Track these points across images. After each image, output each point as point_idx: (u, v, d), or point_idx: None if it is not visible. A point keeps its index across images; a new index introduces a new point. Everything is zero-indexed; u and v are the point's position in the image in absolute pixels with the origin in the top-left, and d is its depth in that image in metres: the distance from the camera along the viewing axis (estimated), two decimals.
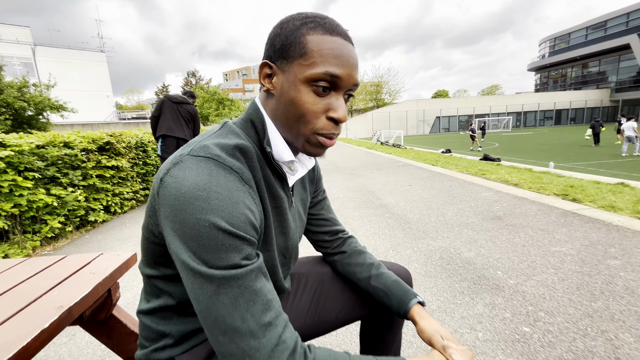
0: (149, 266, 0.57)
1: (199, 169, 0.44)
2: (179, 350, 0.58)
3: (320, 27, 0.50)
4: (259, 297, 0.43)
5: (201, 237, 0.42)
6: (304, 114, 0.51)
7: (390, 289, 0.72)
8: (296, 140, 0.55)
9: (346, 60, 0.50)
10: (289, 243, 0.66)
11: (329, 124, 0.53)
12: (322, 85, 0.50)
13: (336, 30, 0.51)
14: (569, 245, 2.22)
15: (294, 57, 0.50)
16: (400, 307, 0.69)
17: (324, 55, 0.49)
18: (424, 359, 0.55)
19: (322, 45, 0.49)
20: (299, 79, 0.50)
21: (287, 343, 0.43)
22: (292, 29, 0.50)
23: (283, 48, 0.51)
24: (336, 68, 0.49)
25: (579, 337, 1.33)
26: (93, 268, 0.80)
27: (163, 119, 4.03)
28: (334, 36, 0.50)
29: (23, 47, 25.80)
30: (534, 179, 4.53)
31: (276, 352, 0.42)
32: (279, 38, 0.51)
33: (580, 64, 43.34)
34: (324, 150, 0.56)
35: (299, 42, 0.49)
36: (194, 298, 0.43)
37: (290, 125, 0.53)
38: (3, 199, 2.57)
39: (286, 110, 0.52)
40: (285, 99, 0.52)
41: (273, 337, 0.42)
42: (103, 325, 0.83)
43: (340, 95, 0.52)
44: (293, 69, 0.50)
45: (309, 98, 0.50)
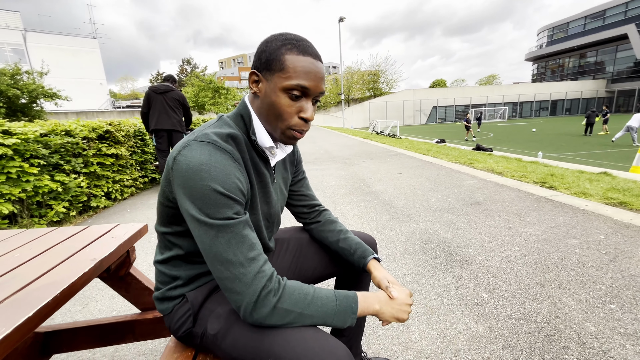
0: (163, 225, 0.75)
1: (202, 150, 0.62)
2: (188, 289, 0.76)
3: (295, 49, 0.66)
4: (245, 240, 0.62)
5: (204, 197, 0.60)
6: (281, 114, 0.69)
7: (353, 248, 0.91)
8: (274, 132, 0.73)
9: (314, 75, 0.67)
10: (272, 210, 0.84)
11: (299, 122, 0.70)
12: (295, 93, 0.67)
13: (307, 51, 0.68)
14: (536, 227, 2.44)
15: (275, 70, 0.67)
16: (360, 261, 0.89)
17: (297, 71, 0.65)
18: (371, 294, 0.74)
19: (297, 63, 0.65)
20: (278, 87, 0.67)
21: (266, 272, 0.62)
22: (274, 48, 0.67)
23: (267, 62, 0.67)
24: (306, 81, 0.66)
25: (528, 301, 1.55)
26: (114, 234, 0.98)
27: (152, 114, 4.11)
28: (306, 56, 0.67)
29: (13, 32, 25.24)
30: (519, 168, 4.74)
31: (257, 277, 0.60)
32: (264, 54, 0.68)
33: (578, 54, 43.30)
34: (295, 141, 0.75)
35: (279, 60, 0.66)
36: (199, 240, 0.62)
37: (271, 121, 0.71)
38: (11, 184, 2.72)
39: (268, 109, 0.70)
40: (267, 101, 0.69)
41: (255, 267, 0.61)
42: (122, 281, 1.01)
43: (309, 100, 0.70)
44: (274, 79, 0.67)
45: (285, 102, 0.68)
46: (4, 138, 2.65)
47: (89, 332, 1.01)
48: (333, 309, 0.64)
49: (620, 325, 1.34)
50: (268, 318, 0.60)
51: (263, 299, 0.60)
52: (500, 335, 1.33)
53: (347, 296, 0.67)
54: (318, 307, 0.63)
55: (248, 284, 0.60)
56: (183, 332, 0.74)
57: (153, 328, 1.05)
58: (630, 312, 1.42)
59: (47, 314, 0.62)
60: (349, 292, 0.69)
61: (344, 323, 0.65)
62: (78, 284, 0.73)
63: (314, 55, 0.69)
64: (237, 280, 0.60)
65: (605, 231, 2.29)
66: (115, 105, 34.62)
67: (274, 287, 0.61)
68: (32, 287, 0.68)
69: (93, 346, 1.04)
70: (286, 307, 0.61)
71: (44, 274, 0.73)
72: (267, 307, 0.60)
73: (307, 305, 0.63)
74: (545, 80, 47.68)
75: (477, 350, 1.25)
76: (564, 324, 1.36)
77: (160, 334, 1.06)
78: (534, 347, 1.25)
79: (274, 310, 0.60)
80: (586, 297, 1.55)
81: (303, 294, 0.63)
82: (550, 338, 1.29)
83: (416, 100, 38.37)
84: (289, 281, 0.65)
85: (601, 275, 1.73)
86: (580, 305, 1.49)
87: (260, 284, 0.60)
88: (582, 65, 43.46)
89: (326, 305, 0.64)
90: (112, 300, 1.77)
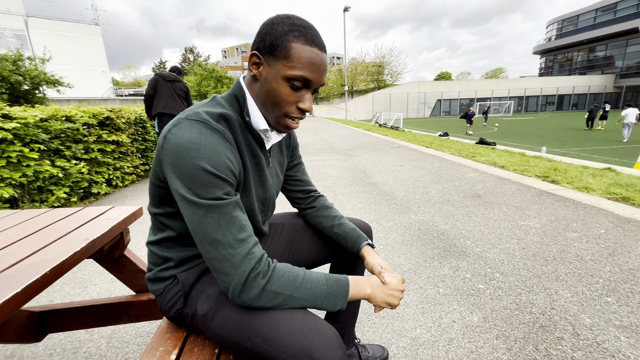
0: (155, 206, 0.74)
1: (192, 129, 0.61)
2: (179, 270, 0.76)
3: (303, 37, 0.64)
4: (235, 221, 0.61)
5: (194, 176, 0.59)
6: (280, 102, 0.67)
7: (347, 234, 0.90)
8: (269, 118, 0.72)
9: (318, 67, 0.65)
10: (267, 194, 0.83)
11: (297, 112, 0.69)
12: (297, 84, 0.65)
13: (315, 41, 0.65)
14: (536, 220, 2.43)
15: (279, 57, 0.64)
16: (354, 247, 0.88)
17: (303, 62, 0.63)
18: (363, 278, 0.73)
19: (302, 54, 0.63)
20: (280, 75, 0.65)
21: (256, 254, 0.61)
22: (281, 33, 0.64)
23: (272, 47, 0.64)
24: (310, 73, 0.64)
25: (524, 292, 1.55)
26: (108, 215, 0.98)
27: (158, 98, 4.09)
28: (313, 47, 0.64)
29: (15, 18, 25.03)
30: (522, 162, 4.70)
31: (246, 259, 0.60)
32: (269, 37, 0.65)
33: (587, 47, 42.45)
34: (288, 131, 0.74)
35: (285, 47, 0.63)
36: (188, 220, 0.61)
37: (268, 106, 0.70)
38: (12, 169, 2.73)
39: (266, 95, 0.68)
40: (267, 87, 0.67)
41: (245, 249, 0.60)
42: (117, 263, 1.02)
43: (309, 92, 0.68)
44: (277, 66, 0.65)
45: (286, 91, 0.66)
46: (3, 122, 2.65)
47: (84, 312, 1.02)
48: (323, 292, 0.64)
49: (615, 317, 1.34)
50: (256, 300, 0.60)
51: (252, 281, 0.59)
52: (495, 325, 1.33)
53: (338, 280, 0.66)
54: (308, 290, 0.63)
55: (237, 265, 0.59)
56: (174, 312, 0.74)
57: (148, 310, 1.06)
58: (627, 305, 1.41)
59: (36, 291, 0.62)
60: (340, 276, 0.68)
61: (334, 306, 0.65)
62: (69, 263, 0.73)
63: (320, 46, 0.66)
64: (225, 261, 0.59)
65: (605, 225, 2.27)
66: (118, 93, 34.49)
67: (263, 269, 0.61)
68: (22, 264, 0.68)
69: (89, 326, 1.05)
70: (275, 290, 0.60)
71: (35, 252, 0.73)
72: (255, 289, 0.59)
73: (297, 288, 0.62)
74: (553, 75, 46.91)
75: (471, 339, 1.26)
76: (559, 316, 1.36)
77: (155, 316, 1.07)
78: (527, 337, 1.25)
79: (263, 292, 0.60)
80: (583, 289, 1.55)
81: (293, 277, 0.63)
82: (545, 329, 1.29)
83: (420, 93, 37.95)
84: (279, 264, 0.65)
85: (599, 268, 1.73)
86: (576, 298, 1.48)
87: (249, 266, 0.59)
88: (590, 60, 42.65)
89: (316, 288, 0.64)
90: (110, 284, 1.79)
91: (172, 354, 0.67)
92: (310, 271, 0.67)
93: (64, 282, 1.84)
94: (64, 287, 1.78)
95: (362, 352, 1.13)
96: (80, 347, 1.30)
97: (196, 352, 0.68)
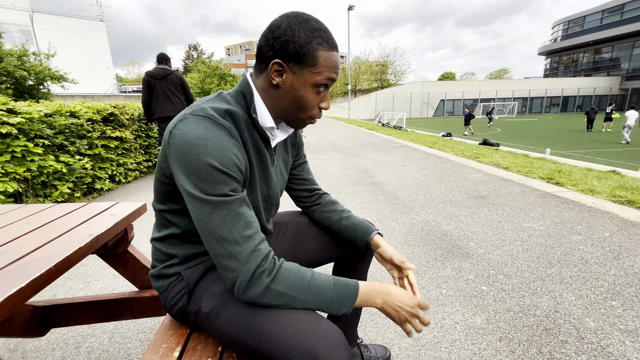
0: (160, 203, 0.73)
1: (199, 124, 0.60)
2: (184, 267, 0.76)
3: (326, 44, 0.65)
4: (241, 218, 0.60)
5: (200, 172, 0.58)
6: (306, 107, 0.70)
7: (357, 225, 0.90)
8: (292, 121, 0.74)
9: (337, 68, 0.69)
10: (271, 192, 0.82)
11: (319, 112, 0.73)
12: (322, 88, 0.68)
13: (334, 45, 0.67)
14: (540, 222, 2.41)
15: (306, 65, 0.65)
16: (364, 237, 0.88)
17: (328, 67, 0.66)
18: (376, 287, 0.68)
19: (328, 60, 0.66)
20: (309, 83, 0.66)
21: (262, 251, 0.61)
22: (305, 41, 0.63)
23: (297, 55, 0.64)
24: (334, 75, 0.68)
25: (528, 295, 1.54)
26: (112, 211, 0.98)
27: (154, 101, 4.03)
28: (333, 51, 0.67)
29: (21, 13, 25.15)
30: (526, 164, 4.67)
31: (252, 256, 0.59)
32: (292, 45, 0.64)
33: (593, 49, 42.08)
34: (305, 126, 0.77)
35: (312, 55, 0.64)
36: (195, 217, 0.60)
37: (292, 112, 0.71)
38: (16, 164, 2.74)
39: (292, 102, 0.69)
40: (293, 94, 0.68)
41: (251, 246, 0.60)
42: (120, 259, 1.02)
43: (327, 91, 0.72)
44: (304, 74, 0.65)
45: (312, 96, 0.68)
46: (8, 117, 2.66)
47: (87, 307, 1.02)
48: (329, 297, 0.63)
49: (620, 322, 1.32)
50: (260, 297, 0.59)
51: (257, 278, 0.59)
52: (498, 327, 1.32)
53: (347, 286, 0.65)
54: (314, 293, 0.62)
55: (243, 262, 0.59)
56: (177, 309, 0.73)
57: (150, 306, 1.05)
58: (632, 309, 1.40)
59: (40, 286, 0.62)
60: (350, 282, 0.66)
61: (339, 311, 0.64)
62: (73, 258, 0.73)
63: (337, 49, 0.69)
64: (232, 257, 0.59)
65: (610, 228, 2.25)
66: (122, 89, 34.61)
67: (268, 267, 0.60)
68: (27, 259, 0.67)
69: (91, 322, 1.05)
70: (280, 290, 0.60)
71: (39, 247, 0.73)
72: (260, 287, 0.59)
73: (302, 290, 0.61)
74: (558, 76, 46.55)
75: (474, 341, 1.25)
76: (563, 319, 1.35)
77: (158, 312, 1.07)
78: (531, 340, 1.24)
79: (267, 290, 0.59)
80: (587, 293, 1.53)
81: (299, 278, 0.62)
82: (549, 332, 1.28)
83: (424, 93, 37.80)
84: (287, 263, 0.64)
85: (604, 272, 1.71)
86: (580, 301, 1.47)
87: (255, 263, 0.59)
88: (596, 61, 42.27)
89: (323, 292, 0.62)
90: (113, 280, 1.79)
91: (175, 351, 0.66)
92: (319, 273, 0.65)
93: (67, 277, 1.85)
94: (67, 282, 1.78)
95: (365, 352, 1.13)
96: (83, 342, 1.30)
97: (199, 349, 0.68)
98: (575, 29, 43.00)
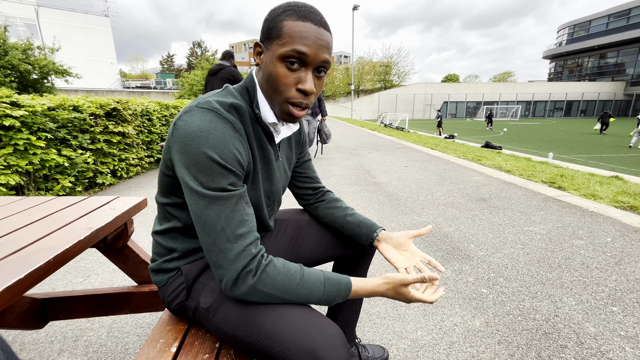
0: (163, 196, 0.73)
1: (202, 116, 0.60)
2: (184, 262, 0.75)
3: (294, 14, 0.62)
4: (236, 215, 0.60)
5: (199, 165, 0.58)
6: (278, 85, 0.64)
7: (361, 221, 0.90)
8: (274, 107, 0.69)
9: (312, 40, 0.61)
10: (273, 188, 0.82)
11: (298, 95, 0.65)
12: (292, 60, 0.62)
13: (308, 17, 0.63)
14: (541, 226, 2.40)
15: (273, 38, 0.63)
16: (369, 233, 0.87)
17: (294, 36, 0.60)
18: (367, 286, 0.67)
19: (294, 29, 0.60)
20: (275, 56, 0.62)
21: (251, 251, 0.60)
22: (275, 16, 0.63)
23: (268, 31, 0.64)
24: (303, 47, 0.60)
25: (527, 298, 1.53)
26: (112, 205, 0.97)
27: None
28: (305, 22, 0.61)
29: (26, 7, 25.23)
30: (528, 167, 4.65)
31: (241, 255, 0.59)
32: (266, 23, 0.65)
33: (598, 53, 41.88)
34: (295, 120, 0.70)
35: (277, 27, 0.62)
36: (191, 209, 0.60)
37: (270, 94, 0.68)
38: (19, 156, 2.75)
39: (267, 81, 0.67)
40: (266, 72, 0.66)
41: (241, 245, 0.59)
42: (120, 253, 1.02)
43: (309, 71, 0.64)
44: (272, 47, 0.63)
45: (282, 71, 0.62)
46: (12, 109, 2.66)
47: (86, 301, 1.02)
48: (319, 297, 0.62)
49: (620, 327, 1.32)
50: (248, 296, 0.59)
51: (243, 278, 0.58)
52: (497, 330, 1.31)
53: (338, 284, 0.64)
54: (302, 295, 0.61)
55: (231, 260, 0.58)
56: (176, 304, 0.73)
57: (149, 301, 1.05)
58: (633, 316, 1.39)
59: (39, 278, 0.61)
60: (342, 281, 0.65)
61: (330, 304, 0.65)
62: (72, 251, 0.72)
63: (316, 21, 0.63)
64: (221, 254, 0.58)
65: (612, 234, 2.24)
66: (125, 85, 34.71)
67: (254, 267, 0.59)
68: (26, 250, 0.67)
69: (90, 315, 1.05)
70: (266, 291, 0.59)
71: (39, 239, 0.73)
72: (245, 286, 0.58)
73: (290, 292, 0.60)
74: (562, 80, 46.38)
75: (472, 344, 1.24)
76: (563, 323, 1.34)
77: (156, 307, 1.07)
78: (530, 344, 1.23)
79: (254, 291, 0.59)
80: (588, 298, 1.52)
81: (288, 280, 0.60)
82: (548, 336, 1.27)
83: (427, 94, 37.72)
84: (275, 262, 0.62)
85: (605, 277, 1.70)
86: (581, 306, 1.46)
87: (242, 262, 0.58)
88: (601, 66, 42.07)
89: (312, 293, 0.62)
90: (112, 274, 1.79)
91: (172, 347, 0.66)
92: (309, 273, 0.64)
93: (66, 270, 1.85)
94: (67, 276, 1.79)
95: (362, 352, 1.12)
96: (81, 336, 1.31)
97: (197, 345, 0.68)
98: (581, 33, 42.81)
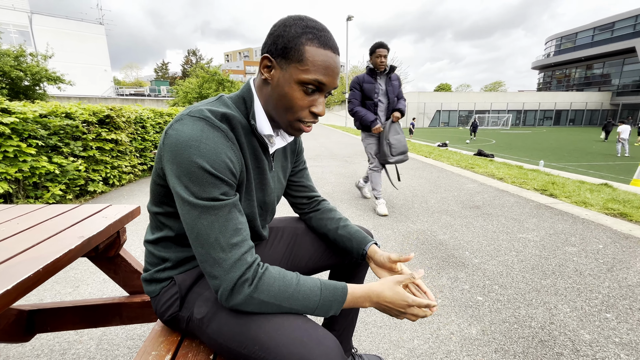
0: (155, 205, 0.72)
1: (194, 125, 0.59)
2: (177, 272, 0.74)
3: (317, 40, 0.62)
4: (229, 224, 0.59)
5: (191, 174, 0.57)
6: (293, 107, 0.65)
7: (352, 235, 0.89)
8: (281, 121, 0.70)
9: (332, 71, 0.64)
10: (267, 199, 0.81)
11: (309, 116, 0.68)
12: (310, 87, 0.64)
13: (328, 44, 0.63)
14: (534, 233, 2.42)
15: (292, 60, 0.63)
16: (360, 247, 0.86)
17: (317, 65, 0.62)
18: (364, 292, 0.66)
19: (316, 57, 0.61)
20: (294, 79, 0.63)
21: (247, 260, 0.59)
22: (294, 36, 0.62)
23: (285, 50, 0.63)
24: (323, 77, 0.63)
25: (523, 306, 1.53)
26: (105, 214, 0.96)
27: None
28: (326, 50, 0.62)
29: (19, 14, 25.12)
30: (520, 175, 4.71)
31: (237, 264, 0.58)
32: (281, 40, 0.63)
33: (585, 65, 43.16)
34: (300, 134, 0.73)
35: (298, 50, 0.61)
36: (183, 220, 0.59)
37: (280, 111, 0.68)
38: (8, 164, 2.70)
39: (278, 99, 0.67)
40: (279, 91, 0.66)
41: (236, 254, 0.58)
42: (111, 263, 0.99)
43: (322, 96, 0.67)
44: (290, 69, 0.63)
45: (299, 95, 0.64)
46: (2, 116, 2.62)
47: (74, 312, 0.99)
48: (315, 303, 0.61)
49: (615, 334, 1.32)
50: (244, 306, 0.58)
51: (239, 287, 0.57)
52: (494, 338, 1.31)
53: (334, 290, 0.63)
54: (299, 300, 0.60)
55: (227, 270, 0.57)
56: (169, 315, 0.71)
57: (141, 312, 1.03)
58: (626, 322, 1.40)
59: (27, 289, 0.60)
60: (338, 286, 0.64)
61: (326, 314, 0.63)
62: (62, 261, 0.71)
63: (334, 49, 0.65)
64: (216, 264, 0.58)
65: (604, 241, 2.27)
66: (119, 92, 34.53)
67: (251, 276, 0.59)
68: (14, 260, 0.65)
69: (79, 327, 1.02)
70: (262, 299, 0.58)
71: (27, 249, 0.71)
72: (242, 296, 0.57)
73: (287, 298, 0.60)
74: (551, 90, 47.55)
75: (469, 352, 1.23)
76: (559, 331, 1.34)
77: (148, 318, 1.04)
78: (527, 351, 1.23)
79: (250, 299, 0.58)
80: (582, 304, 1.53)
81: (284, 286, 0.60)
82: (544, 344, 1.27)
83: (420, 103, 38.27)
84: (271, 270, 0.62)
85: (598, 284, 1.71)
86: (575, 313, 1.47)
87: (238, 272, 0.58)
88: (588, 77, 43.32)
89: (308, 299, 0.61)
90: (103, 284, 1.75)
91: (165, 359, 0.64)
92: (305, 279, 0.63)
93: (55, 280, 1.80)
94: (55, 286, 1.74)
95: None
96: (69, 349, 1.26)
97: (190, 357, 0.66)
98: (568, 45, 44.15)
